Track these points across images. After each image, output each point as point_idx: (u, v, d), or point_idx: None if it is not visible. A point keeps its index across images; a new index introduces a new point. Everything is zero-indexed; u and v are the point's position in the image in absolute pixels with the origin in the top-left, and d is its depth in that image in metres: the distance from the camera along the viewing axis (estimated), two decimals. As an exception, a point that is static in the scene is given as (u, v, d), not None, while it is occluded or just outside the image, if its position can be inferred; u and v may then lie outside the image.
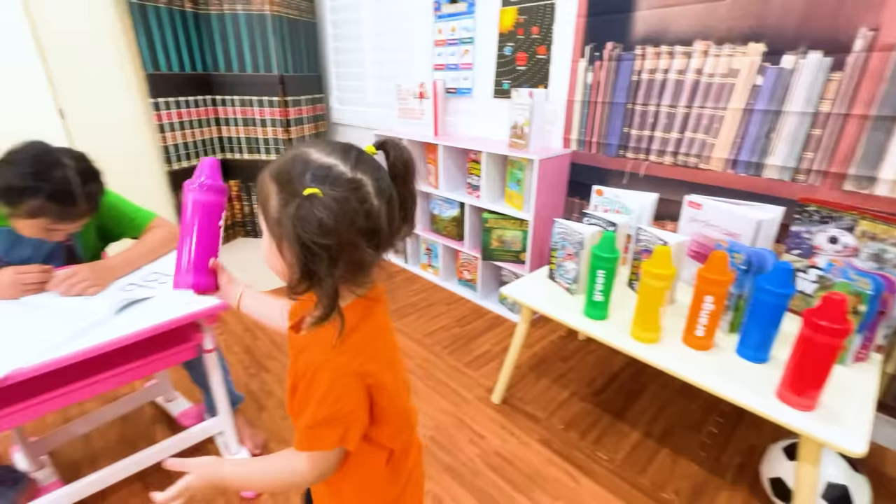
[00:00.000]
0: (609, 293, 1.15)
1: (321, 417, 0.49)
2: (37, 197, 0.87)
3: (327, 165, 0.45)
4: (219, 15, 2.45)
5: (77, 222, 0.96)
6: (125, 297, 0.91)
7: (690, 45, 1.41)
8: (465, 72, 2.15)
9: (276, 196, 0.46)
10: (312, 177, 0.44)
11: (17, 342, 0.76)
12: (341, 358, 0.49)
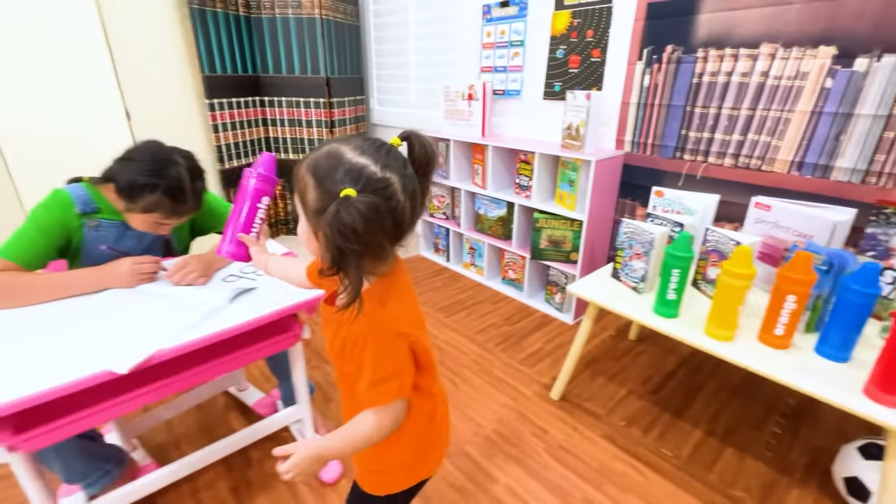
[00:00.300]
0: (682, 292, 1.18)
1: (378, 377, 0.58)
2: (154, 193, 0.94)
3: (360, 165, 0.51)
4: (270, 18, 2.53)
5: (184, 217, 1.02)
6: (237, 286, 0.97)
7: (756, 47, 1.43)
8: (514, 74, 2.19)
9: (314, 190, 0.53)
10: (346, 176, 0.50)
11: (152, 327, 0.81)
12: (382, 325, 0.57)
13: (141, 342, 0.76)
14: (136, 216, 0.98)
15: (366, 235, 0.49)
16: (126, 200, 0.95)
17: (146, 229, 1.01)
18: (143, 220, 0.99)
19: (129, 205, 0.96)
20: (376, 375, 0.58)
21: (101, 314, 0.86)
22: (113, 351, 0.74)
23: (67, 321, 0.84)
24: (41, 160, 1.93)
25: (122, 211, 1.00)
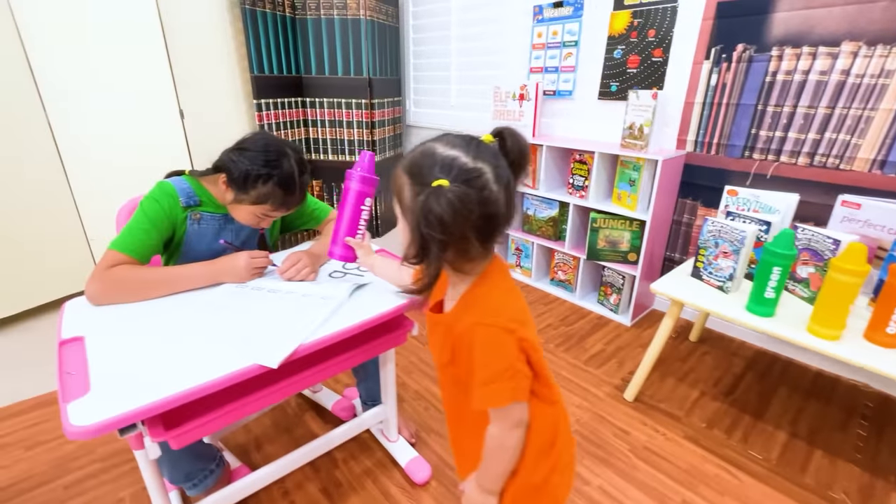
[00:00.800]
0: (781, 290, 1.16)
1: (489, 374, 0.56)
2: (267, 184, 0.93)
3: (451, 157, 0.52)
4: (315, 19, 2.53)
5: (291, 209, 1.00)
6: (355, 281, 0.95)
7: (837, 45, 1.42)
8: (566, 74, 2.18)
9: (409, 188, 0.54)
10: (439, 169, 0.51)
11: (287, 321, 0.80)
12: (487, 321, 0.56)
13: (284, 337, 0.75)
14: (242, 208, 0.97)
15: (452, 225, 0.50)
16: (237, 191, 0.94)
17: (250, 222, 1.00)
18: (250, 213, 0.97)
19: (240, 195, 0.95)
20: (487, 373, 0.56)
21: (231, 309, 0.84)
22: (259, 346, 0.72)
23: (198, 317, 0.82)
24: (97, 160, 1.92)
25: (227, 203, 0.98)
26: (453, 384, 0.67)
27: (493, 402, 0.57)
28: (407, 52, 3.02)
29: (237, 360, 0.70)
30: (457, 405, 0.70)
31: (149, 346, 0.74)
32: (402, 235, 0.60)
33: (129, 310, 0.86)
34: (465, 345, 0.57)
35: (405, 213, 0.57)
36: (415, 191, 0.53)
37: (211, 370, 0.67)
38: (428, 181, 0.51)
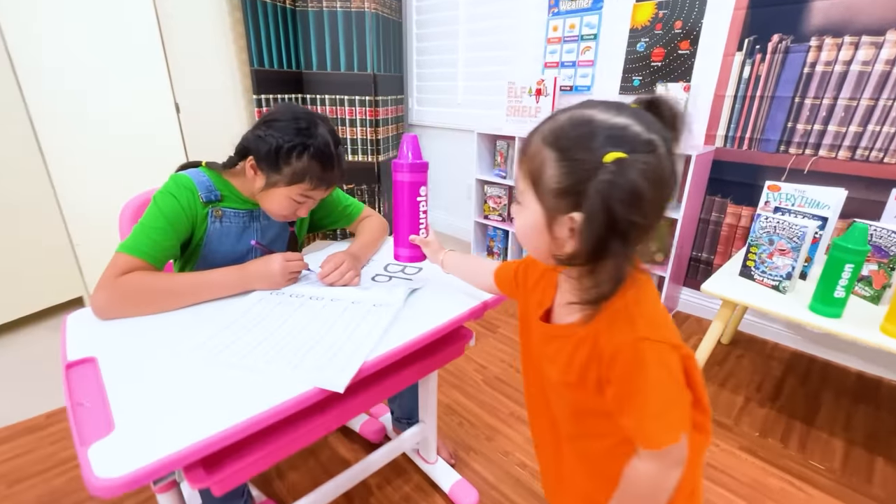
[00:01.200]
0: (851, 289, 1.08)
1: (661, 405, 0.45)
2: (302, 157, 0.80)
3: (620, 125, 0.41)
4: (316, 12, 2.40)
5: (328, 189, 0.87)
6: (409, 286, 0.83)
7: (882, 35, 1.37)
8: (583, 69, 2.11)
9: (557, 165, 0.43)
10: (606, 140, 0.41)
11: (341, 335, 0.67)
12: (653, 335, 0.44)
13: (343, 353, 0.63)
14: (276, 193, 0.84)
15: (651, 203, 0.41)
16: (269, 171, 0.81)
17: (285, 210, 0.86)
18: (286, 197, 0.84)
19: (273, 176, 0.82)
20: (658, 402, 0.45)
21: (270, 321, 0.71)
22: (314, 365, 0.60)
23: (232, 332, 0.69)
24: (83, 157, 1.75)
25: (258, 192, 0.85)
26: (572, 411, 0.56)
27: (668, 438, 0.45)
28: (410, 49, 2.91)
29: (292, 385, 0.57)
30: (568, 436, 0.59)
31: (177, 368, 0.61)
32: (524, 226, 0.50)
33: (147, 324, 0.72)
34: (620, 365, 0.46)
35: (544, 198, 0.46)
36: (567, 171, 0.43)
37: (261, 398, 0.55)
38: (590, 157, 0.41)
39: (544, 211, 0.46)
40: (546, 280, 0.60)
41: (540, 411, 0.64)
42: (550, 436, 0.63)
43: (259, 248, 0.88)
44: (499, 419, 1.36)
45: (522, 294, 0.65)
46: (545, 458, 0.66)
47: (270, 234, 0.95)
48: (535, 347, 0.59)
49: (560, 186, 0.44)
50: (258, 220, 0.92)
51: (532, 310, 0.60)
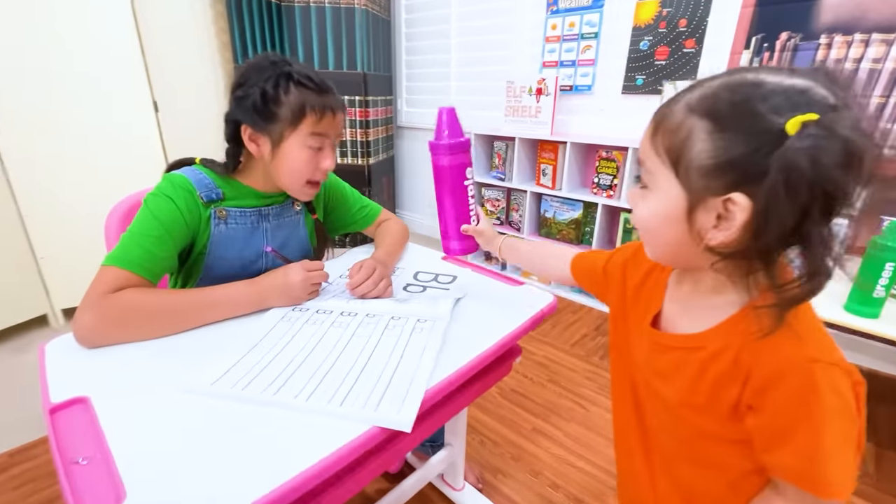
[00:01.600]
0: (891, 288, 1.05)
1: (836, 444, 0.36)
2: (290, 87, 0.69)
3: (801, 87, 0.34)
4: (303, 7, 2.28)
5: (336, 115, 0.74)
6: (452, 296, 0.74)
7: (892, 32, 1.37)
8: (584, 68, 2.06)
9: (710, 137, 0.36)
10: (786, 104, 0.33)
11: (385, 359, 0.57)
12: (825, 356, 0.37)
13: (397, 382, 0.52)
14: (287, 149, 0.72)
15: (851, 181, 0.33)
16: (268, 124, 0.70)
17: (304, 165, 0.74)
18: (298, 147, 0.72)
19: (274, 129, 0.71)
20: (830, 442, 0.36)
21: (299, 344, 0.60)
22: (363, 399, 0.50)
23: (255, 357, 0.58)
24: (49, 160, 1.58)
25: (270, 162, 0.74)
26: (689, 434, 0.47)
27: (844, 484, 0.37)
28: (399, 48, 2.82)
29: (344, 427, 0.47)
30: (670, 460, 0.51)
31: (194, 408, 0.49)
32: (653, 215, 0.42)
33: (146, 351, 0.60)
34: (782, 390, 0.38)
35: (688, 180, 0.38)
36: (727, 143, 0.35)
37: (309, 445, 0.44)
38: (761, 125, 0.33)
39: (686, 194, 0.38)
40: (653, 280, 0.52)
41: (630, 426, 0.56)
42: (642, 458, 0.54)
43: (276, 256, 0.77)
44: (522, 436, 1.28)
45: (616, 292, 0.57)
46: (632, 482, 0.58)
47: (281, 235, 0.83)
48: (640, 357, 0.51)
49: (715, 162, 0.36)
50: (267, 220, 0.81)
51: (635, 313, 0.53)
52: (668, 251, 0.44)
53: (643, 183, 0.43)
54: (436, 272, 0.86)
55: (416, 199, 3.12)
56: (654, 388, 0.50)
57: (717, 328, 0.42)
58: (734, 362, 0.40)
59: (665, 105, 0.40)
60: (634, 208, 0.45)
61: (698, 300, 0.46)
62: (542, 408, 1.39)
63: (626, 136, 1.97)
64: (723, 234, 0.37)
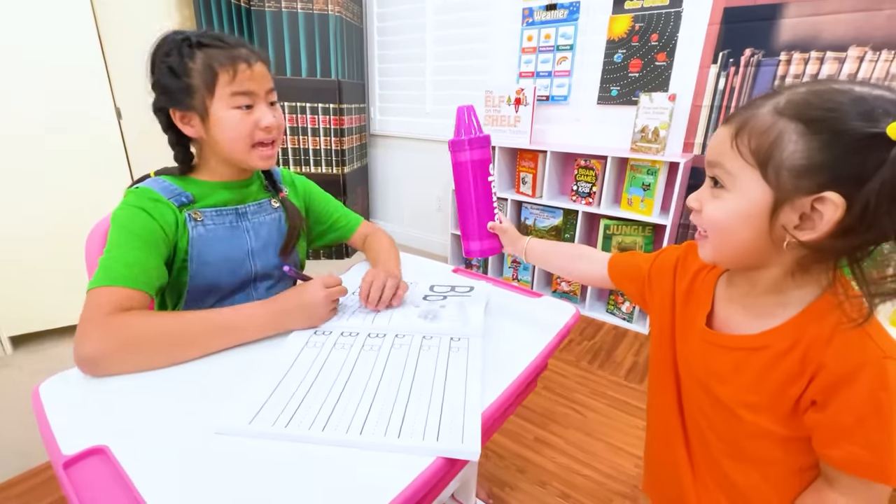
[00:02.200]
0: None
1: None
2: (193, 52, 0.66)
3: (890, 99, 0.37)
4: (274, 12, 2.21)
5: (252, 67, 0.68)
6: (478, 308, 0.71)
7: (844, 51, 1.49)
8: (560, 79, 2.12)
9: (804, 138, 0.38)
10: (881, 110, 0.36)
11: (430, 384, 0.55)
12: (893, 350, 0.40)
13: (453, 411, 0.50)
14: (218, 118, 0.67)
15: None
16: (188, 98, 0.67)
17: (242, 128, 0.68)
18: (226, 111, 0.67)
19: (195, 100, 0.66)
20: (893, 439, 0.39)
21: (335, 371, 0.57)
22: (425, 430, 0.47)
23: (291, 388, 0.53)
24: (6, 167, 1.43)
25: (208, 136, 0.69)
26: (742, 434, 0.48)
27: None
28: (372, 56, 2.79)
29: (408, 461, 0.44)
30: (717, 458, 0.52)
31: (235, 451, 0.45)
32: (730, 216, 0.43)
33: (158, 386, 0.54)
34: (857, 387, 0.39)
35: (777, 179, 0.39)
36: (820, 145, 0.37)
37: (376, 484, 0.41)
38: (860, 128, 0.35)
39: (773, 193, 0.40)
40: (700, 281, 0.54)
41: (673, 426, 0.57)
42: (685, 456, 0.56)
43: (293, 273, 0.72)
44: (525, 446, 1.27)
45: (662, 295, 0.58)
46: (673, 480, 0.58)
47: (264, 234, 0.79)
48: (692, 358, 0.52)
49: (808, 163, 0.37)
50: (246, 218, 0.77)
51: (686, 316, 0.54)
52: (739, 250, 0.44)
53: (721, 183, 0.44)
54: (451, 284, 0.84)
55: (391, 208, 3.08)
56: (707, 388, 0.51)
57: (782, 327, 0.44)
58: (801, 360, 0.42)
59: (745, 109, 0.42)
60: (703, 209, 0.46)
61: (757, 300, 0.47)
62: (541, 416, 1.40)
63: (603, 144, 2.04)
64: (810, 233, 0.39)
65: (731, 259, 0.47)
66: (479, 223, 0.70)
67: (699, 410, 0.53)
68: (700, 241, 0.49)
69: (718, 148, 0.44)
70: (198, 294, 0.74)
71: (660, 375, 0.59)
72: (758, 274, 0.46)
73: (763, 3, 1.58)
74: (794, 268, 0.43)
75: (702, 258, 0.49)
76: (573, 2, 1.98)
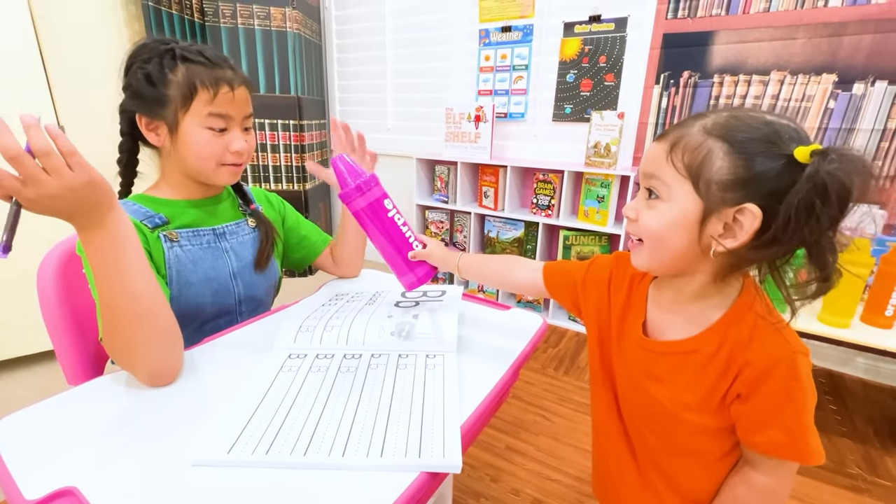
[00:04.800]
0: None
1: (806, 420, 0.46)
2: (176, 64, 0.65)
3: (794, 128, 0.43)
4: (230, 28, 2.17)
5: (234, 92, 0.68)
6: (451, 320, 0.73)
7: (767, 74, 1.66)
8: (516, 97, 2.21)
9: (727, 157, 0.43)
10: (788, 136, 0.41)
11: (418, 402, 0.56)
12: (799, 345, 0.46)
13: (433, 426, 0.52)
14: (186, 134, 0.67)
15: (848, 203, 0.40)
16: (160, 108, 0.66)
17: (210, 149, 0.68)
18: (197, 129, 0.66)
19: (167, 112, 0.66)
20: (809, 419, 0.45)
21: (311, 398, 0.57)
22: (407, 447, 0.49)
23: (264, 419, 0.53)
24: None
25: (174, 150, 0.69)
26: (679, 432, 0.53)
27: (820, 451, 0.46)
28: (332, 72, 2.79)
29: (390, 479, 0.45)
30: (653, 452, 0.57)
31: (211, 483, 0.44)
32: (662, 223, 0.47)
33: (125, 423, 0.52)
34: (775, 379, 0.45)
35: (704, 190, 0.44)
36: (743, 163, 0.42)
37: (365, 500, 0.42)
38: (771, 150, 0.41)
39: (703, 204, 0.44)
40: (635, 289, 0.58)
41: (613, 428, 0.61)
42: (628, 454, 0.60)
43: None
44: (497, 455, 1.29)
45: (596, 304, 0.62)
46: (618, 477, 0.63)
47: (245, 254, 0.79)
48: (631, 363, 0.56)
49: (733, 178, 0.42)
50: (225, 239, 0.77)
51: (623, 324, 0.58)
52: (672, 258, 0.48)
53: (656, 194, 0.48)
54: (423, 289, 0.86)
55: (354, 223, 3.06)
56: (643, 391, 0.55)
57: (708, 331, 0.49)
58: (727, 360, 0.47)
59: (677, 128, 0.47)
60: (638, 218, 0.49)
61: (683, 307, 0.52)
62: (511, 425, 1.43)
63: (560, 159, 2.14)
64: (732, 241, 0.43)
65: (664, 266, 0.50)
66: (402, 257, 0.69)
67: (636, 412, 0.58)
68: (634, 250, 0.51)
69: (654, 162, 0.48)
70: (180, 318, 0.67)
71: (600, 381, 0.62)
72: (684, 280, 0.50)
73: (697, 31, 1.73)
74: (715, 275, 0.48)
75: (636, 266, 0.52)
76: (527, 24, 2.08)
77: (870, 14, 1.47)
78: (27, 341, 1.58)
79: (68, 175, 0.46)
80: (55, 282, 0.73)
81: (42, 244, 0.74)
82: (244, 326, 0.74)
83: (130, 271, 0.54)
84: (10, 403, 0.52)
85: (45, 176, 0.45)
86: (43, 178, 0.45)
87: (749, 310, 0.47)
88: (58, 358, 0.74)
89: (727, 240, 0.44)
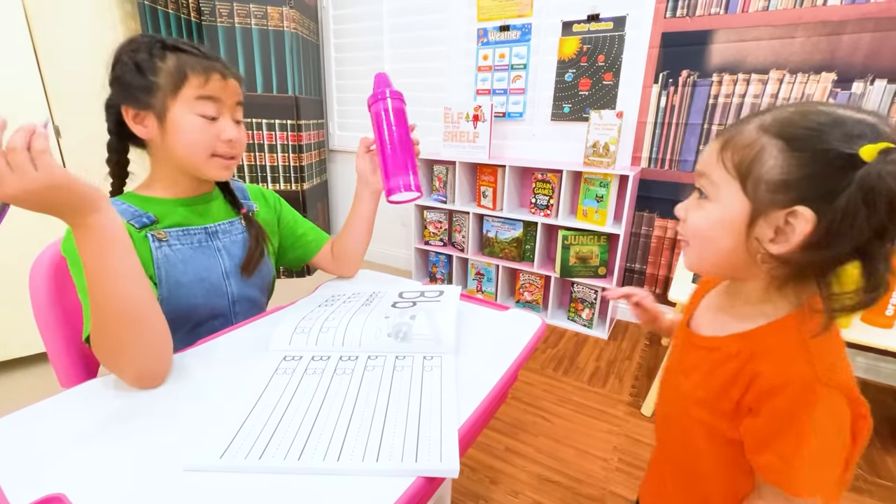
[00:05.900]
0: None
1: (817, 454, 0.41)
2: (165, 53, 0.64)
3: (869, 122, 0.38)
4: (227, 28, 2.16)
5: (226, 81, 0.67)
6: (449, 319, 0.72)
7: (766, 73, 1.65)
8: (515, 96, 2.20)
9: (783, 154, 0.40)
10: (858, 134, 0.37)
11: (415, 405, 0.55)
12: (828, 378, 0.40)
13: (430, 430, 0.51)
14: (177, 122, 0.65)
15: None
16: (148, 97, 0.64)
17: (202, 136, 0.67)
18: (188, 117, 0.65)
19: (155, 101, 0.64)
20: (811, 451, 0.41)
21: (306, 402, 0.56)
22: (403, 451, 0.48)
23: (257, 424, 0.52)
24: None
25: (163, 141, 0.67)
26: (691, 422, 0.52)
27: (813, 490, 0.42)
28: (329, 72, 2.78)
29: (386, 484, 0.44)
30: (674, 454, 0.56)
31: (203, 488, 0.43)
32: (707, 224, 0.46)
33: (115, 427, 0.51)
34: (783, 399, 0.42)
35: (753, 190, 0.41)
36: (797, 162, 0.39)
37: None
38: (830, 148, 0.37)
39: (750, 205, 0.42)
40: (702, 288, 0.58)
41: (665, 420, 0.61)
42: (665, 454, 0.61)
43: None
44: (496, 457, 1.29)
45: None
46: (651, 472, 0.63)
47: (238, 254, 0.78)
48: (674, 358, 0.57)
49: (785, 178, 0.39)
50: (217, 238, 0.75)
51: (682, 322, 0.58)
52: (718, 259, 0.47)
53: (704, 194, 0.46)
54: (421, 290, 0.85)
55: (353, 223, 3.05)
56: (675, 386, 0.54)
57: (738, 335, 0.47)
58: (741, 367, 0.45)
59: (734, 125, 0.45)
60: (687, 217, 0.48)
61: (731, 309, 0.51)
62: (510, 426, 1.42)
63: (558, 158, 2.13)
64: (781, 246, 0.41)
65: (712, 267, 0.49)
66: (401, 162, 0.68)
67: (663, 409, 0.58)
68: (684, 249, 0.51)
69: (706, 160, 0.46)
70: (172, 320, 0.65)
71: (665, 373, 0.63)
72: (741, 285, 0.49)
73: (696, 30, 1.73)
74: (771, 282, 0.45)
75: (686, 267, 0.52)
76: (525, 24, 2.07)
77: (869, 12, 1.47)
78: (21, 343, 1.57)
79: (31, 175, 0.43)
80: (47, 283, 0.72)
81: (34, 245, 0.73)
82: (239, 328, 0.73)
83: (117, 273, 0.53)
84: (4, 406, 0.52)
85: (9, 172, 0.43)
86: (6, 174, 0.43)
87: (793, 328, 0.43)
88: (50, 360, 0.73)
89: (777, 245, 0.41)
